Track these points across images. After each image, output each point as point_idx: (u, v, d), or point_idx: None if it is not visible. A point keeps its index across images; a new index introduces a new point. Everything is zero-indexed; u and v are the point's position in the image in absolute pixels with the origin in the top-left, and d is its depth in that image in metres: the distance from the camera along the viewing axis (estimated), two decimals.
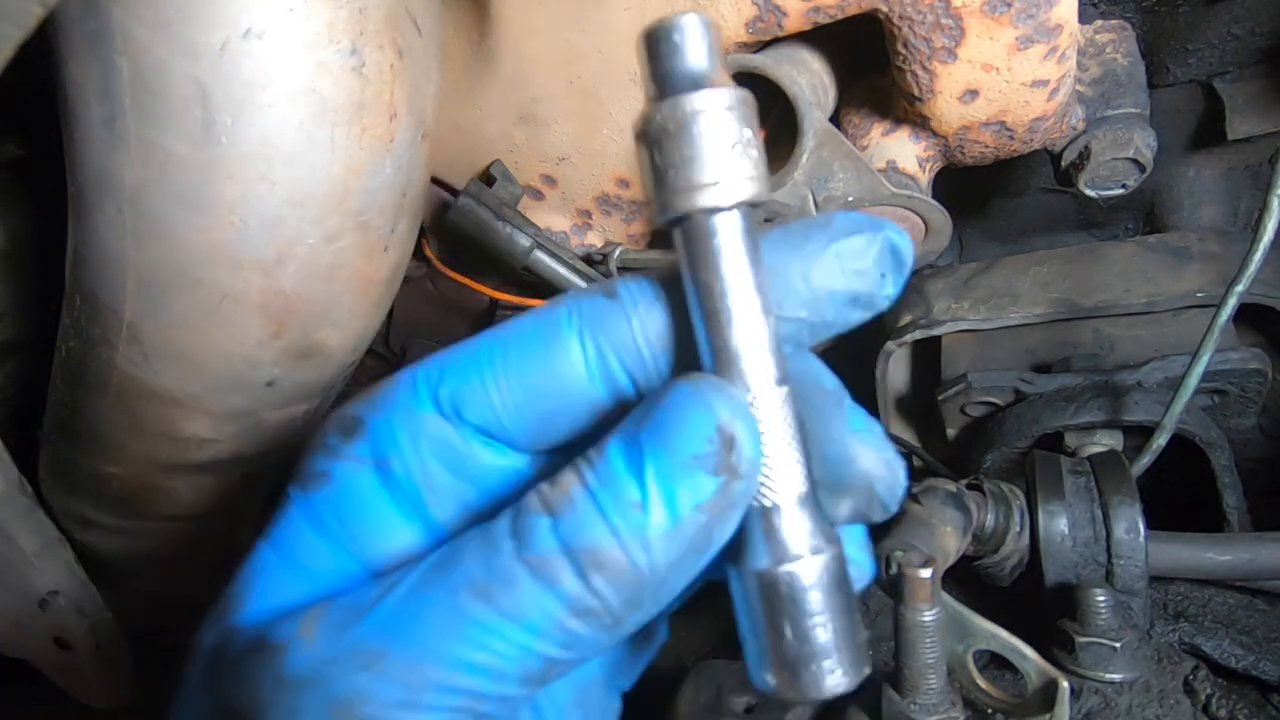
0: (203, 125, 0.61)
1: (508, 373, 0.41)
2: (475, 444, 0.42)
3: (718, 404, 0.35)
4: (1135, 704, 0.70)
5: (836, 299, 0.40)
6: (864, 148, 0.90)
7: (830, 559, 0.38)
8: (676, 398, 0.36)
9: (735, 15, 0.78)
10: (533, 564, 0.34)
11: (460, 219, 0.92)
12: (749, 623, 0.39)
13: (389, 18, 0.65)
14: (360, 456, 0.42)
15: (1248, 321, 1.11)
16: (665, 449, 0.35)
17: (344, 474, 0.42)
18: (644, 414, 0.36)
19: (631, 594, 0.35)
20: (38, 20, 0.52)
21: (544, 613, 0.34)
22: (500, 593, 0.34)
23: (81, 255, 0.73)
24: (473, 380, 0.41)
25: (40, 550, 1.05)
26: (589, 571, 0.34)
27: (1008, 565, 0.85)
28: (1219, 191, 1.23)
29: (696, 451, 0.34)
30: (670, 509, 0.34)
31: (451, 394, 0.41)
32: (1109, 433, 1.06)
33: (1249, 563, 0.81)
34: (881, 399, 1.33)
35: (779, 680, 0.39)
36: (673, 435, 0.35)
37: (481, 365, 0.41)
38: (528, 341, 0.41)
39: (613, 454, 0.36)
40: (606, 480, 0.35)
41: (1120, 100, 0.89)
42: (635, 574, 0.34)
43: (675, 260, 0.39)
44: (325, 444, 0.43)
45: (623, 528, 0.34)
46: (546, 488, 0.36)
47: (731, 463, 0.35)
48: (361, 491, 0.42)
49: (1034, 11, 0.73)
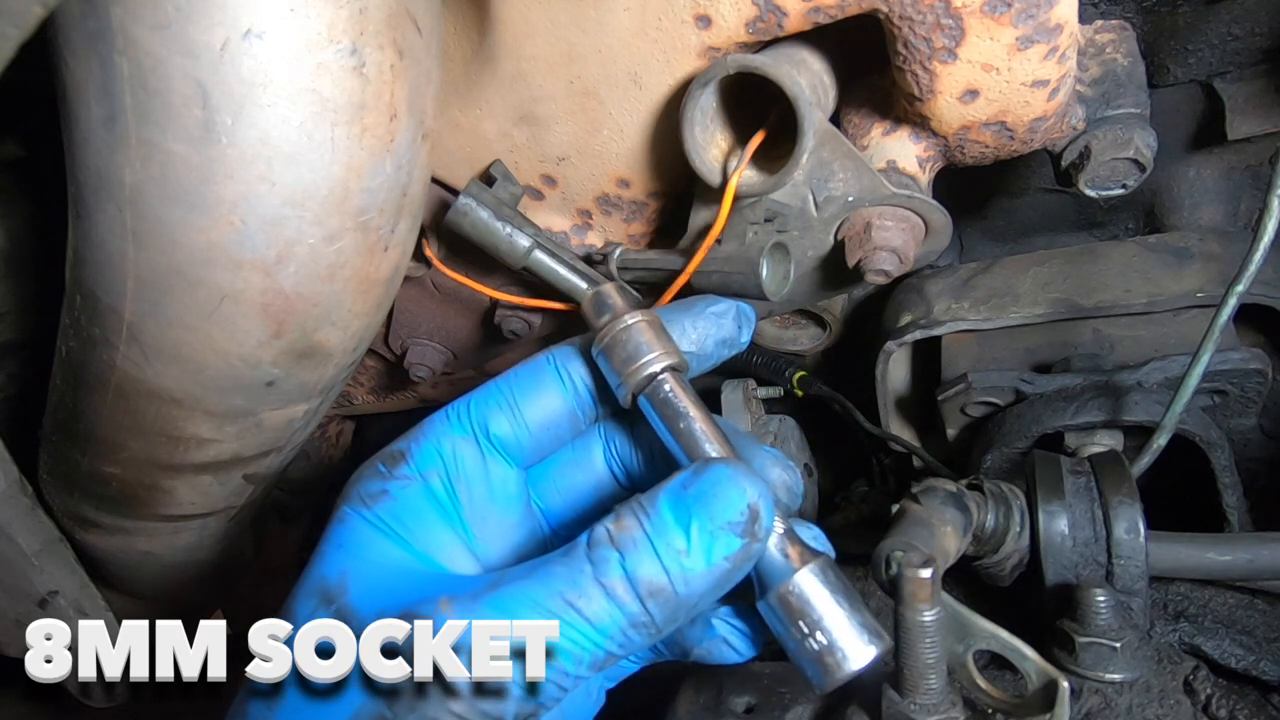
0: (203, 125, 0.61)
1: (516, 399, 0.59)
2: (495, 458, 0.58)
3: (749, 486, 0.49)
4: (1135, 704, 0.70)
5: (711, 340, 0.63)
6: (864, 148, 0.90)
7: (819, 565, 0.51)
8: (718, 475, 0.50)
9: (735, 15, 0.78)
10: (607, 586, 0.47)
11: (460, 219, 0.92)
12: (788, 640, 0.51)
13: (389, 18, 0.65)
14: (410, 475, 0.56)
15: (1248, 321, 1.11)
16: (708, 513, 0.48)
17: (399, 489, 0.56)
18: (691, 480, 0.50)
19: (672, 614, 0.48)
20: (38, 20, 0.52)
21: (613, 621, 0.48)
22: (584, 604, 0.47)
23: (81, 255, 0.73)
24: (493, 406, 0.59)
25: (40, 550, 1.05)
26: (646, 597, 0.47)
27: (1008, 565, 0.85)
28: (1219, 191, 1.23)
29: (731, 519, 0.48)
30: (707, 558, 0.48)
31: (479, 417, 0.58)
32: (1109, 433, 1.06)
33: (1249, 563, 0.81)
34: (881, 399, 1.33)
35: (825, 672, 0.49)
36: (714, 504, 0.48)
37: (499, 395, 0.59)
38: (526, 377, 0.61)
39: (665, 509, 0.49)
40: (660, 530, 0.48)
41: (1120, 100, 0.89)
42: (677, 601, 0.48)
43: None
44: (377, 471, 0.57)
45: (672, 568, 0.47)
46: (613, 527, 0.49)
47: (755, 530, 0.48)
48: (414, 500, 0.56)
49: (1034, 11, 0.73)
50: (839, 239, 0.91)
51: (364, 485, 0.56)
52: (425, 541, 0.55)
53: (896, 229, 0.87)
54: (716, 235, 0.87)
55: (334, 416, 1.68)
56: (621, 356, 0.57)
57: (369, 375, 1.48)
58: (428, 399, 1.52)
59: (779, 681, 0.72)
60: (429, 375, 1.29)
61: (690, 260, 0.88)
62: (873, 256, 0.87)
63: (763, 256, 0.84)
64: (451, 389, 1.50)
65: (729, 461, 0.51)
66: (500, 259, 0.95)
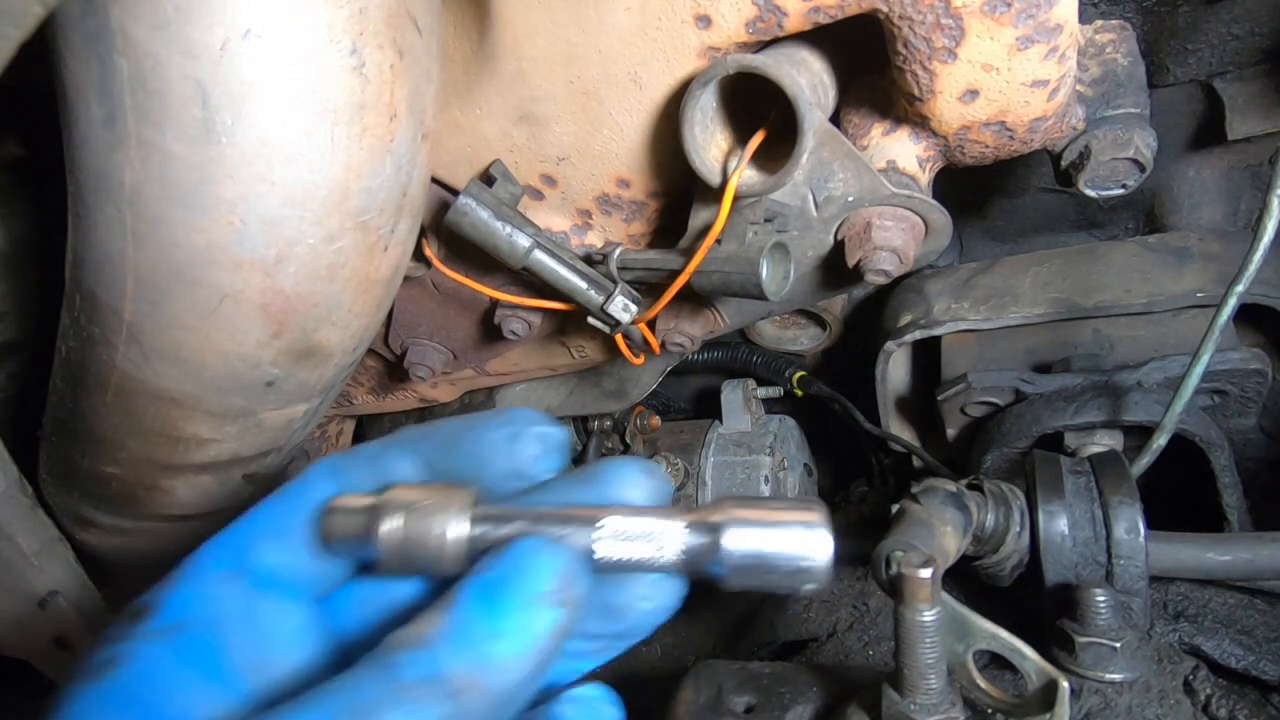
0: (202, 125, 0.61)
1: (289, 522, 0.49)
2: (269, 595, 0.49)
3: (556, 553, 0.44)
4: (1135, 704, 0.70)
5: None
6: (864, 148, 0.90)
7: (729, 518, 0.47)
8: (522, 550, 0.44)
9: (735, 15, 0.78)
10: (407, 691, 0.40)
11: (460, 219, 0.92)
12: (767, 588, 0.48)
13: (389, 18, 0.65)
14: (152, 632, 0.46)
15: (1248, 321, 1.11)
16: (516, 591, 0.43)
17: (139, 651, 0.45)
18: (492, 563, 0.44)
19: (493, 710, 0.42)
20: (38, 20, 0.52)
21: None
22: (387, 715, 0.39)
23: (81, 255, 0.73)
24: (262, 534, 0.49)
25: (40, 550, 1.05)
26: (461, 693, 0.40)
27: (1008, 565, 0.85)
28: (1219, 191, 1.23)
29: (541, 591, 0.43)
30: (522, 638, 0.42)
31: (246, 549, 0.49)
32: (1109, 433, 1.06)
33: (1249, 563, 0.81)
34: (881, 399, 1.33)
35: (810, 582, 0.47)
36: (520, 580, 0.43)
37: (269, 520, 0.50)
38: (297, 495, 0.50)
39: (468, 598, 0.43)
40: (466, 618, 0.42)
41: (1120, 100, 0.89)
42: (494, 691, 0.41)
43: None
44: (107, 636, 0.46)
45: (485, 655, 0.41)
46: (411, 627, 0.43)
47: (570, 598, 0.43)
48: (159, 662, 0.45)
49: (1034, 11, 0.73)
50: (839, 239, 0.91)
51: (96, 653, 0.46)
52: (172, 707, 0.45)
53: (896, 229, 0.87)
54: (716, 235, 0.87)
55: (334, 416, 1.68)
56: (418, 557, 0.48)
57: (369, 375, 1.48)
58: (428, 399, 1.52)
59: (779, 681, 0.72)
60: (429, 375, 1.29)
61: (690, 260, 0.88)
62: (873, 256, 0.87)
63: (763, 256, 0.84)
64: (451, 389, 1.50)
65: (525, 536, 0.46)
66: (500, 259, 0.95)
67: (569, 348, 1.30)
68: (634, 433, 1.63)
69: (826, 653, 0.89)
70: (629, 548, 0.47)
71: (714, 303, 1.08)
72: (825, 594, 0.95)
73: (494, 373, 1.39)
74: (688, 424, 1.66)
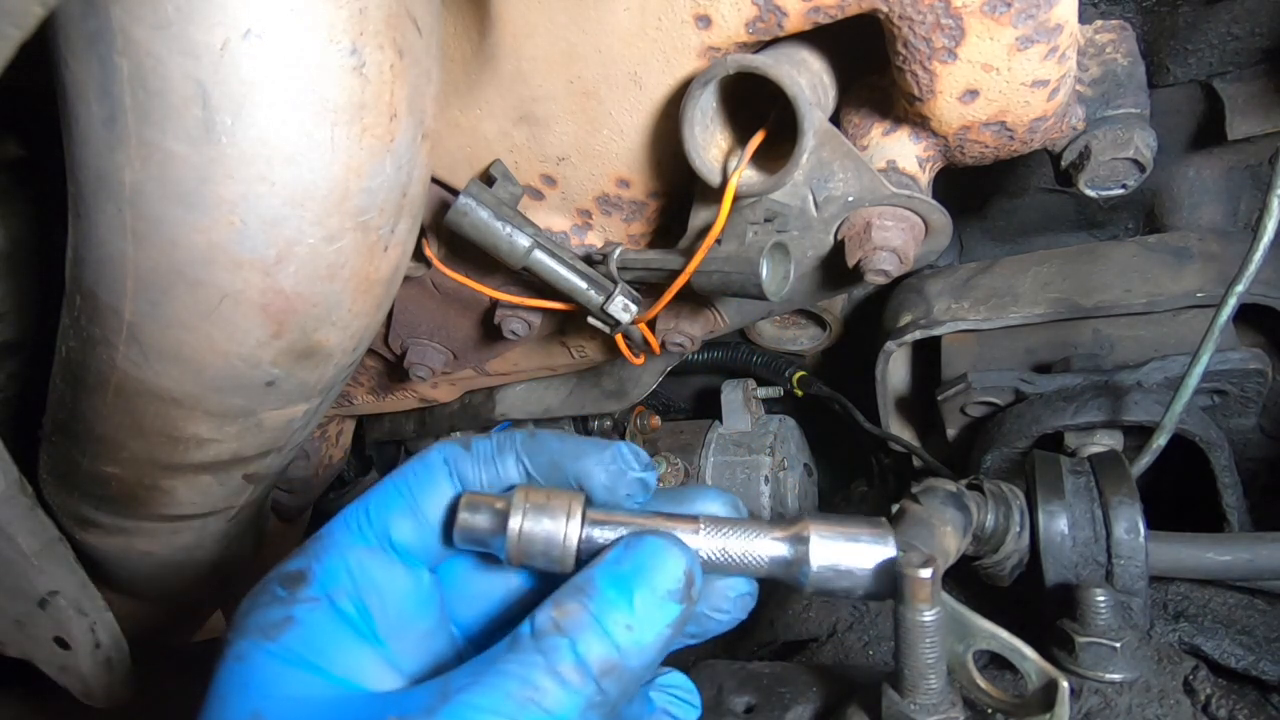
0: (203, 125, 0.61)
1: (416, 500, 0.56)
2: (403, 565, 0.56)
3: (681, 553, 0.51)
4: (1135, 704, 0.70)
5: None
6: (864, 148, 0.90)
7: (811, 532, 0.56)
8: (651, 546, 0.51)
9: (735, 15, 0.78)
10: (561, 674, 0.47)
11: (460, 219, 0.92)
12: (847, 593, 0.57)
13: (389, 18, 0.65)
14: (315, 596, 0.53)
15: (1248, 321, 1.11)
16: (648, 585, 0.49)
17: (306, 614, 0.52)
18: (624, 555, 0.51)
19: (625, 688, 0.48)
20: (38, 20, 0.52)
21: (572, 707, 0.46)
22: (542, 697, 0.46)
23: (81, 255, 0.73)
24: (394, 510, 0.56)
25: (40, 550, 1.05)
26: (600, 677, 0.47)
27: (1008, 565, 0.85)
28: (1219, 191, 1.23)
29: (670, 588, 0.50)
30: (653, 628, 0.49)
31: (380, 523, 0.56)
32: (1109, 433, 1.06)
33: (1249, 563, 0.81)
34: (881, 399, 1.33)
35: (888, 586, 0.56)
36: (652, 575, 0.50)
37: (399, 497, 0.56)
38: (423, 475, 0.57)
39: (605, 587, 0.49)
40: (604, 609, 0.48)
41: (1120, 100, 0.89)
42: (630, 675, 0.48)
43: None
44: (275, 596, 0.53)
45: (622, 643, 0.48)
46: (556, 611, 0.49)
47: (691, 594, 0.50)
48: (324, 623, 0.52)
49: (1034, 11, 0.73)
50: (839, 239, 0.91)
51: (262, 615, 0.52)
52: (343, 665, 0.52)
53: (896, 229, 0.87)
54: (716, 235, 0.87)
55: (334, 416, 1.68)
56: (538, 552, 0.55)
57: (369, 375, 1.48)
58: (428, 399, 1.52)
59: (779, 681, 0.72)
60: (429, 375, 1.29)
61: (690, 260, 0.88)
62: (873, 256, 0.87)
63: (763, 256, 0.84)
64: (451, 389, 1.50)
65: (654, 532, 0.52)
66: (500, 259, 0.95)
67: (569, 348, 1.30)
68: (634, 433, 1.63)
69: (826, 653, 0.89)
70: (727, 552, 0.54)
71: (714, 303, 1.08)
72: None
73: (494, 373, 1.39)
74: (688, 424, 1.66)
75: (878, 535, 0.55)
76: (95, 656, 1.12)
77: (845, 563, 0.54)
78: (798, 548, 0.54)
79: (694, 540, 0.54)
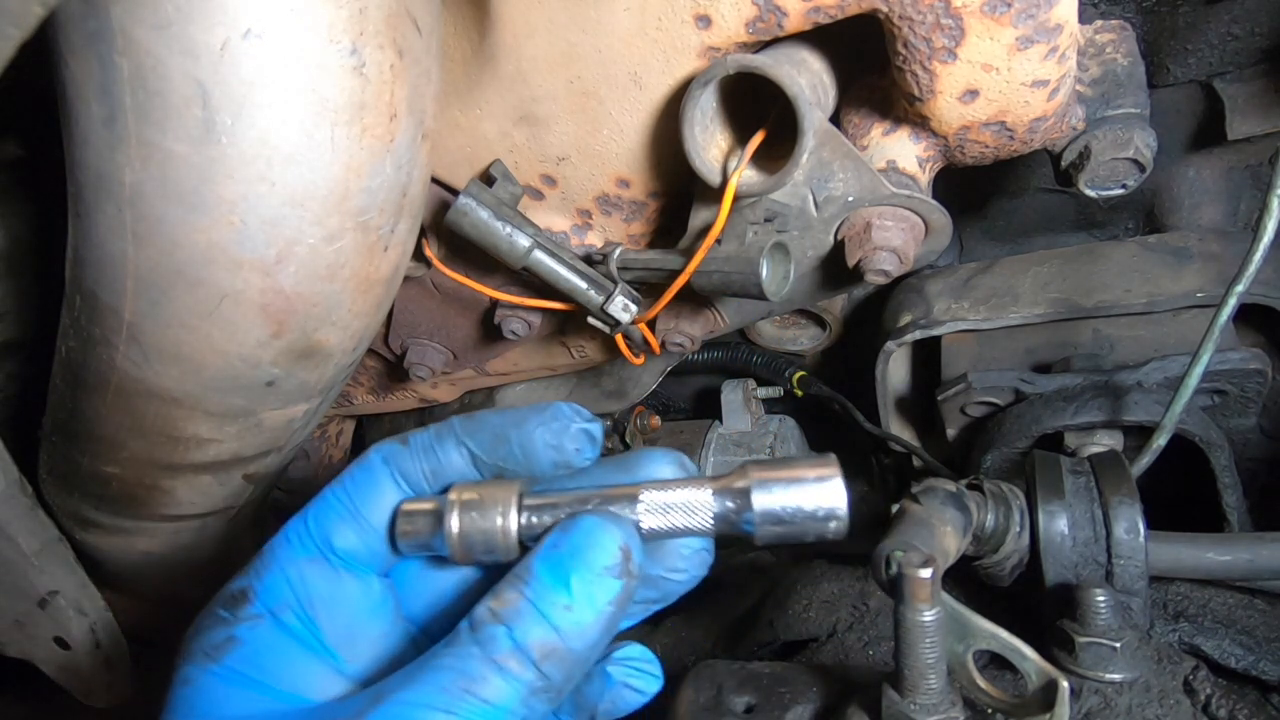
0: (203, 125, 0.61)
1: (357, 506, 0.55)
2: (349, 573, 0.55)
3: (616, 528, 0.50)
4: (1135, 704, 0.70)
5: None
6: (864, 148, 0.90)
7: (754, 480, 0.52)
8: (584, 526, 0.50)
9: (735, 15, 0.78)
10: (499, 662, 0.46)
11: (460, 219, 0.92)
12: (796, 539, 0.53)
13: (389, 18, 0.65)
14: (258, 614, 0.53)
15: (1248, 321, 1.11)
16: (584, 564, 0.48)
17: (249, 632, 0.52)
18: (560, 539, 0.50)
19: (569, 671, 0.48)
20: (38, 20, 0.52)
21: (513, 694, 0.46)
22: (480, 687, 0.46)
23: (81, 255, 0.73)
24: (334, 518, 0.55)
25: (40, 550, 1.05)
26: (540, 661, 0.47)
27: (1008, 565, 0.85)
28: (1219, 191, 1.23)
29: (606, 564, 0.48)
30: (593, 607, 0.48)
31: (321, 533, 0.55)
32: (1109, 433, 1.06)
33: (1249, 563, 0.81)
34: (881, 399, 1.33)
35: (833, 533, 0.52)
36: (587, 554, 0.48)
37: (339, 505, 0.55)
38: (362, 481, 0.56)
39: (541, 572, 0.48)
40: (541, 593, 0.48)
41: (1120, 100, 0.89)
42: (572, 657, 0.48)
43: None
44: (218, 618, 0.53)
45: (561, 624, 0.47)
46: (493, 602, 0.48)
47: (630, 569, 0.49)
48: (268, 640, 0.52)
49: (1034, 11, 0.73)
50: (839, 239, 0.91)
51: (206, 637, 0.52)
52: (290, 679, 0.52)
53: (896, 229, 0.88)
54: (716, 235, 0.87)
55: (334, 416, 1.68)
56: (480, 547, 0.53)
57: (369, 375, 1.48)
58: (428, 399, 1.52)
59: (779, 681, 0.72)
60: (429, 375, 1.29)
61: (690, 260, 0.88)
62: (873, 256, 0.87)
63: (763, 256, 0.84)
64: (451, 389, 1.50)
65: (589, 511, 0.51)
66: (500, 259, 0.95)
67: (569, 348, 1.30)
68: (634, 433, 1.63)
69: (826, 653, 0.89)
70: (669, 518, 0.52)
71: (714, 303, 1.08)
72: (825, 594, 0.95)
73: (494, 373, 1.39)
74: (688, 424, 1.66)
75: (823, 474, 0.51)
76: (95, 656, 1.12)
77: (791, 505, 0.51)
78: (739, 500, 0.51)
79: (634, 511, 0.52)
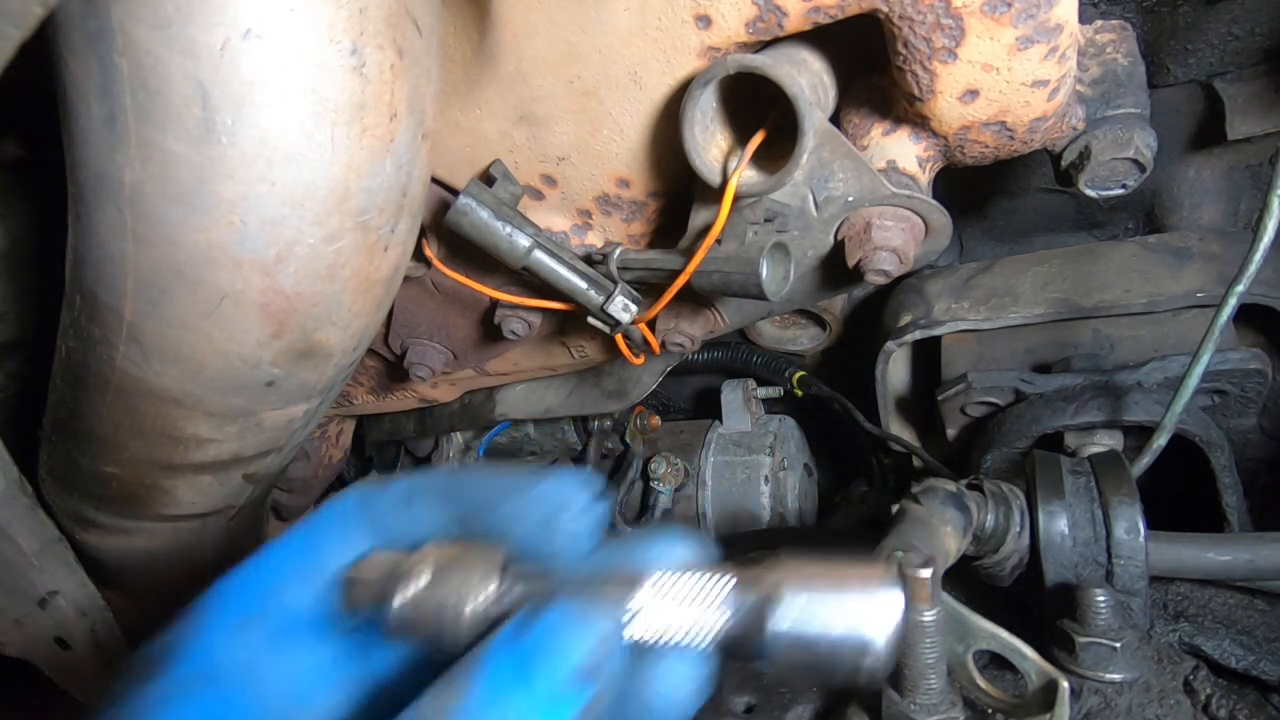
0: (203, 125, 0.61)
1: (319, 558, 0.48)
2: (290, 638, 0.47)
3: (592, 624, 0.40)
4: (1135, 704, 0.70)
5: None
6: (864, 148, 0.90)
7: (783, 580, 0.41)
8: (553, 618, 0.40)
9: (735, 15, 0.78)
10: None
11: (460, 219, 0.92)
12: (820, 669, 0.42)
13: (389, 18, 0.65)
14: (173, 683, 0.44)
15: (1248, 321, 1.11)
16: (548, 665, 0.39)
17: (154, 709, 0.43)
18: (523, 628, 0.40)
19: None
20: (38, 20, 0.52)
21: None
22: None
23: (81, 255, 0.73)
24: (287, 573, 0.47)
25: (40, 550, 1.05)
26: None
27: (1008, 565, 0.85)
28: (1219, 191, 1.23)
29: (575, 666, 0.39)
30: (561, 715, 0.38)
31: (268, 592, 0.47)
32: (1109, 433, 1.06)
33: (1249, 563, 0.81)
34: (881, 399, 1.33)
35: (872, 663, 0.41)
36: (554, 653, 0.39)
37: (291, 558, 0.48)
38: (325, 529, 0.49)
39: (495, 670, 0.39)
40: (493, 697, 0.38)
41: (1120, 100, 0.89)
42: None
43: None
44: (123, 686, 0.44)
45: None
46: (442, 696, 0.39)
47: (606, 672, 0.39)
48: None
49: (1034, 11, 0.73)
50: (839, 239, 0.91)
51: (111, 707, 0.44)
52: None
53: (896, 229, 0.87)
54: (716, 235, 0.87)
55: (334, 416, 1.68)
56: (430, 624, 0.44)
57: (369, 375, 1.48)
58: (428, 399, 1.52)
59: (779, 681, 0.72)
60: (429, 375, 1.29)
61: (690, 260, 0.88)
62: (873, 256, 0.87)
63: (763, 256, 0.84)
64: (451, 389, 1.50)
65: (562, 598, 0.41)
66: (500, 259, 0.95)
67: (569, 348, 1.30)
68: (634, 433, 1.63)
69: None
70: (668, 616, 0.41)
71: (714, 303, 1.08)
72: None
73: (494, 373, 1.39)
74: (688, 424, 1.66)
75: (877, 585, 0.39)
76: (95, 656, 1.12)
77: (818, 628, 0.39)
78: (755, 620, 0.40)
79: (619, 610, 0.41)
